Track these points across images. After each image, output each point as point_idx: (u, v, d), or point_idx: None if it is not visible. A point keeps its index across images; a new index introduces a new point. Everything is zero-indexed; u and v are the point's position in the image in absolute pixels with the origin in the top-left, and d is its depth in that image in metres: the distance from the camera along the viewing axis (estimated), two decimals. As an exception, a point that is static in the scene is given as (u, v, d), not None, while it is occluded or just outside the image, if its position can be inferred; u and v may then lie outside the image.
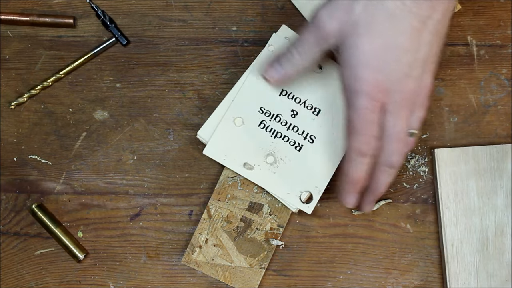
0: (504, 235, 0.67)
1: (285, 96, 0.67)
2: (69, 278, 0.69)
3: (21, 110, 0.72)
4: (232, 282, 0.67)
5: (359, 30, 0.57)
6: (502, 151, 0.68)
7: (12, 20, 0.73)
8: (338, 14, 0.58)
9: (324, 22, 0.58)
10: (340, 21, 0.58)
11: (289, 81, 0.66)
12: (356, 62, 0.57)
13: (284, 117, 0.67)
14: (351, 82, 0.58)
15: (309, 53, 0.61)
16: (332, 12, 0.58)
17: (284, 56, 0.63)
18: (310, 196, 0.66)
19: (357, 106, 0.58)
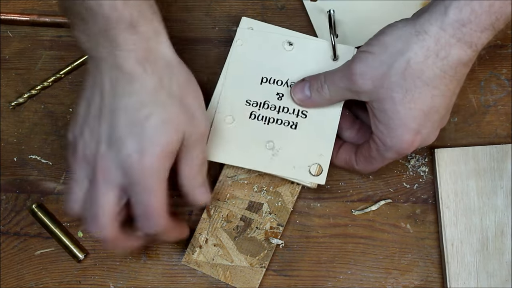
0: (504, 235, 0.67)
1: (267, 83, 0.68)
2: (69, 278, 0.69)
3: (21, 110, 0.72)
4: (233, 282, 0.67)
5: (396, 95, 0.58)
6: (502, 151, 0.68)
7: (12, 20, 0.73)
8: (374, 75, 0.58)
9: (357, 79, 0.59)
10: (375, 83, 0.58)
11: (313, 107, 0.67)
12: (394, 125, 0.59)
13: (272, 102, 0.67)
14: (387, 139, 0.60)
15: (339, 95, 0.63)
16: (367, 71, 0.59)
17: (315, 85, 0.64)
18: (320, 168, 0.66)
19: (386, 157, 0.61)
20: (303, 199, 0.70)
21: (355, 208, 0.70)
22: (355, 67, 0.59)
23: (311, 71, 0.67)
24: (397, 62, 0.57)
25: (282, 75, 0.68)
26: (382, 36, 0.58)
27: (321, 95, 0.64)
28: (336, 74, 0.62)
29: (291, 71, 0.68)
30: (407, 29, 0.57)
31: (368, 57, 0.58)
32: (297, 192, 0.69)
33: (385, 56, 0.57)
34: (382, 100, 0.58)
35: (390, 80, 0.57)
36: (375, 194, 0.70)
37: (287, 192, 0.69)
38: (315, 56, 0.68)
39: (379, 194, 0.70)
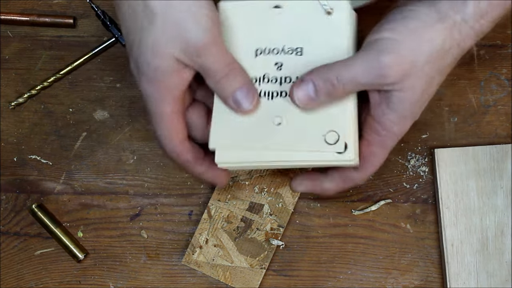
0: (504, 235, 0.67)
1: (262, 54, 0.60)
2: (69, 278, 0.69)
3: (21, 110, 0.72)
4: (233, 283, 0.67)
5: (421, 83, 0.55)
6: (502, 151, 0.68)
7: (12, 20, 0.73)
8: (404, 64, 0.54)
9: (389, 72, 0.53)
10: (404, 72, 0.54)
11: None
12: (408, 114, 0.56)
13: (272, 74, 0.60)
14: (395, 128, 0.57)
15: (354, 91, 0.57)
16: (399, 61, 0.54)
17: (324, 86, 0.56)
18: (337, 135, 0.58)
19: (387, 147, 0.58)
20: (303, 199, 0.70)
21: (355, 208, 0.70)
22: (385, 59, 0.53)
23: (306, 32, 0.60)
24: (428, 49, 0.54)
25: (276, 43, 0.60)
26: (407, 21, 0.54)
27: (332, 96, 0.56)
28: (356, 69, 0.54)
29: (285, 36, 0.61)
30: (431, 14, 0.54)
31: (399, 46, 0.53)
32: (298, 193, 0.69)
33: (415, 43, 0.54)
34: (406, 89, 0.55)
35: (419, 68, 0.54)
36: (375, 194, 0.70)
37: (288, 193, 0.69)
38: (307, 15, 0.61)
39: (379, 194, 0.70)
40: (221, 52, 0.56)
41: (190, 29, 0.54)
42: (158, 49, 0.54)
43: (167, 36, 0.54)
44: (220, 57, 0.56)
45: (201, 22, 0.54)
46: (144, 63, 0.55)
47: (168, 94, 0.56)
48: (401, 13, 0.55)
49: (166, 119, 0.57)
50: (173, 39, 0.54)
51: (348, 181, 0.60)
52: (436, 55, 0.54)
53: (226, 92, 0.57)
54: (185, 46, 0.54)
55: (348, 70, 0.55)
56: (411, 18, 0.54)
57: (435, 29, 0.54)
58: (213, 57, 0.55)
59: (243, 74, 0.58)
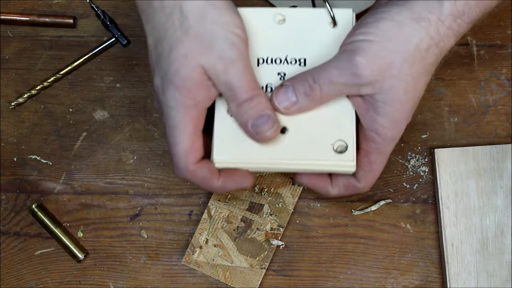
0: (504, 235, 0.67)
1: (264, 64, 0.60)
2: (69, 278, 0.69)
3: (21, 110, 0.72)
4: (233, 283, 0.67)
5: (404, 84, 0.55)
6: (502, 151, 0.68)
7: (12, 20, 0.73)
8: (380, 64, 0.54)
9: (363, 71, 0.54)
10: (382, 73, 0.54)
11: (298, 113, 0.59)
12: (398, 116, 0.56)
13: (275, 85, 0.59)
14: (389, 132, 0.57)
15: (333, 94, 0.57)
16: (373, 61, 0.54)
17: (301, 87, 0.56)
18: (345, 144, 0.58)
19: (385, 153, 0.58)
20: (303, 199, 0.70)
21: (355, 208, 0.70)
22: (358, 58, 0.53)
23: (310, 43, 0.60)
24: (405, 49, 0.54)
25: (279, 53, 0.60)
26: (380, 22, 0.54)
27: (310, 97, 0.56)
28: (330, 70, 0.55)
29: (288, 46, 0.60)
30: (405, 14, 0.54)
31: (371, 46, 0.54)
32: (298, 193, 0.69)
33: (390, 44, 0.54)
34: (388, 90, 0.55)
35: (398, 68, 0.54)
36: (375, 194, 0.70)
37: (288, 193, 0.69)
38: (311, 26, 0.60)
39: (379, 194, 0.70)
40: (248, 71, 0.55)
41: (221, 44, 0.54)
42: (190, 60, 0.54)
43: (199, 49, 0.54)
44: (246, 76, 0.55)
45: (232, 38, 0.54)
46: (175, 72, 0.54)
47: (194, 106, 0.55)
48: (373, 15, 0.55)
49: (187, 133, 0.55)
50: (205, 52, 0.54)
51: (350, 189, 0.60)
52: (414, 55, 0.54)
53: (247, 116, 0.56)
54: (215, 60, 0.54)
55: (323, 71, 0.55)
56: (383, 19, 0.54)
57: (410, 28, 0.54)
58: (240, 75, 0.55)
59: (266, 100, 0.56)
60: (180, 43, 0.54)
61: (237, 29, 0.54)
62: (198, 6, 0.54)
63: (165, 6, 0.55)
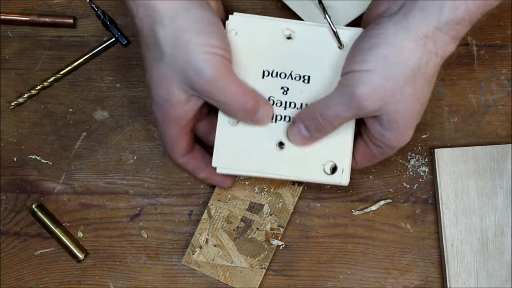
0: (504, 235, 0.67)
1: (269, 76, 0.61)
2: (69, 278, 0.69)
3: (21, 110, 0.72)
4: (233, 283, 0.67)
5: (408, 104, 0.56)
6: (502, 151, 0.68)
7: (12, 20, 0.73)
8: (383, 93, 0.55)
9: (366, 104, 0.55)
10: (385, 100, 0.55)
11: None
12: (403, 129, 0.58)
13: (277, 98, 0.61)
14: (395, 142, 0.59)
15: (343, 122, 0.59)
16: (375, 92, 0.55)
17: (312, 124, 0.59)
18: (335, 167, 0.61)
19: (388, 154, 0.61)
20: (303, 199, 0.70)
21: (355, 208, 0.70)
22: (360, 92, 0.55)
23: (316, 61, 0.61)
24: (404, 72, 0.54)
25: (284, 67, 0.61)
26: (377, 49, 0.55)
27: (322, 132, 0.59)
28: (336, 106, 0.57)
29: (294, 62, 0.61)
30: (401, 35, 0.54)
31: (371, 77, 0.54)
32: (298, 193, 0.69)
33: (389, 71, 0.54)
34: (393, 112, 0.56)
35: (400, 92, 0.55)
36: (375, 194, 0.70)
37: (288, 193, 0.69)
38: (319, 44, 0.61)
39: (379, 194, 0.70)
40: (232, 84, 0.57)
41: (195, 66, 0.55)
42: (166, 84, 0.57)
43: (175, 74, 0.56)
44: (232, 90, 0.57)
45: (207, 58, 0.55)
46: (154, 91, 0.58)
47: (173, 122, 0.59)
48: (369, 40, 0.55)
49: (171, 139, 0.61)
50: (181, 77, 0.56)
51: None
52: (414, 74, 0.55)
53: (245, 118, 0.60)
54: (193, 83, 0.56)
55: (329, 109, 0.57)
56: (379, 45, 0.55)
57: (408, 50, 0.54)
58: (223, 91, 0.57)
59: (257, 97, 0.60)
60: (157, 66, 0.57)
61: (212, 48, 0.55)
62: (171, 31, 0.55)
63: (143, 28, 0.57)
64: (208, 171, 0.64)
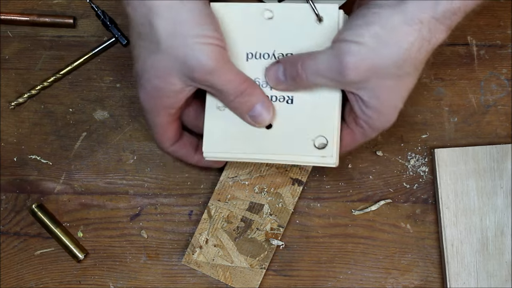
0: (504, 235, 0.67)
1: (253, 59, 0.61)
2: (69, 278, 0.69)
3: (21, 110, 0.72)
4: (233, 283, 0.67)
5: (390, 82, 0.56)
6: (502, 151, 0.68)
7: (12, 20, 0.73)
8: (368, 67, 0.55)
9: (350, 72, 0.55)
10: (367, 74, 0.55)
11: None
12: (385, 109, 0.58)
13: (262, 79, 0.61)
14: (377, 123, 0.59)
15: (319, 83, 0.58)
16: (361, 64, 0.55)
17: (290, 70, 0.59)
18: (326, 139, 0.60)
19: (370, 137, 0.61)
20: (303, 199, 0.70)
21: (355, 208, 0.70)
22: (347, 60, 0.54)
23: (297, 38, 0.61)
24: (394, 54, 0.54)
25: (267, 48, 0.61)
26: (372, 26, 0.54)
27: (296, 82, 0.59)
28: (319, 63, 0.57)
29: (276, 42, 0.61)
30: (397, 18, 0.54)
31: (361, 49, 0.54)
32: (298, 193, 0.69)
33: (380, 48, 0.54)
34: (373, 89, 0.56)
35: (385, 71, 0.55)
36: (375, 194, 0.70)
37: (288, 193, 0.69)
38: (298, 21, 0.61)
39: (379, 194, 0.70)
40: (230, 73, 0.58)
41: (195, 57, 0.55)
42: (162, 73, 0.57)
43: (171, 63, 0.56)
44: (230, 78, 0.58)
45: (205, 49, 0.56)
46: (146, 79, 0.58)
47: (164, 110, 0.60)
48: (363, 18, 0.55)
49: (161, 128, 0.62)
50: (178, 66, 0.56)
51: None
52: (404, 58, 0.55)
53: (241, 110, 0.60)
54: (190, 73, 0.56)
55: (313, 61, 0.57)
56: (373, 24, 0.54)
57: (401, 33, 0.54)
58: (222, 80, 0.57)
59: (257, 90, 0.60)
60: (151, 55, 0.57)
61: (209, 39, 0.56)
62: (168, 22, 0.55)
63: (136, 16, 0.57)
64: (198, 156, 0.66)
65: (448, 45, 0.72)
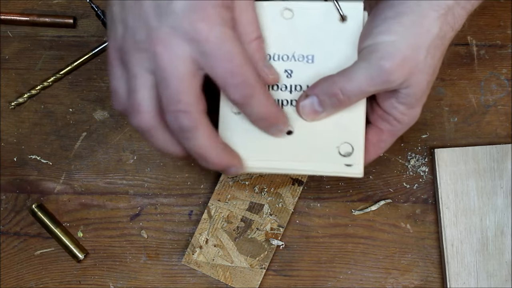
0: (504, 235, 0.67)
1: (271, 60, 0.58)
2: (69, 278, 0.69)
3: (21, 110, 0.72)
4: (233, 283, 0.67)
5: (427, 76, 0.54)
6: (502, 151, 0.68)
7: (12, 20, 0.73)
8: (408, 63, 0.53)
9: (394, 76, 0.53)
10: (410, 70, 0.53)
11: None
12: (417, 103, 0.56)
13: (282, 82, 0.58)
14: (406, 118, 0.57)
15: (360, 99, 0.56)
16: (402, 63, 0.53)
17: (328, 100, 0.55)
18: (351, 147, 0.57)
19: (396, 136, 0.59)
20: (303, 199, 0.70)
21: (355, 208, 0.70)
22: (387, 64, 0.52)
23: (318, 38, 0.57)
24: (426, 42, 0.53)
25: (286, 49, 0.58)
26: (402, 17, 0.53)
27: (338, 108, 0.56)
28: (360, 80, 0.54)
29: (296, 42, 0.58)
30: (425, 4, 0.53)
31: (399, 47, 0.52)
32: (298, 193, 0.69)
33: (414, 40, 0.53)
34: (413, 84, 0.54)
35: (423, 63, 0.53)
36: (375, 194, 0.70)
37: (288, 193, 0.69)
38: (319, 21, 0.58)
39: (379, 194, 0.70)
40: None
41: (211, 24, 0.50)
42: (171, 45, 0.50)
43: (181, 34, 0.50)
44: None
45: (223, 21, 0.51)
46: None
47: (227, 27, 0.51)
48: (391, 8, 0.54)
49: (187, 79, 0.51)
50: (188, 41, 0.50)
51: None
52: (435, 45, 0.54)
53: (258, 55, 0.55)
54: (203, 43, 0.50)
55: (352, 82, 0.54)
56: (404, 14, 0.53)
57: (431, 19, 0.53)
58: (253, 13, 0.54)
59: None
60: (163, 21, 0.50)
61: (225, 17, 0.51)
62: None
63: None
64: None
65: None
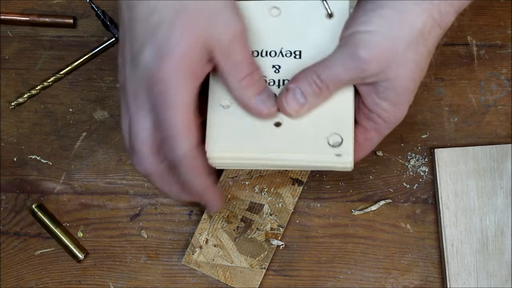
0: (504, 235, 0.67)
1: (259, 56, 0.59)
2: (69, 278, 0.69)
3: (21, 110, 0.72)
4: (233, 283, 0.67)
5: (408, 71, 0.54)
6: (502, 151, 0.68)
7: (12, 20, 0.73)
8: (385, 55, 0.53)
9: (369, 66, 0.53)
10: (387, 63, 0.53)
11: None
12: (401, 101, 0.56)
13: (270, 77, 0.58)
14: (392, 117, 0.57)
15: (341, 87, 0.56)
16: (379, 54, 0.53)
17: (309, 88, 0.55)
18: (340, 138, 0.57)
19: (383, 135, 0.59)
20: (303, 199, 0.70)
21: (355, 208, 0.70)
22: (362, 53, 0.53)
23: (306, 35, 0.59)
24: (408, 35, 0.53)
25: (274, 45, 0.59)
26: (382, 10, 0.53)
27: (319, 97, 0.56)
28: (336, 68, 0.54)
29: (283, 38, 0.59)
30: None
31: (376, 37, 0.53)
32: (298, 193, 0.69)
33: (393, 32, 0.52)
34: (391, 78, 0.54)
35: (403, 56, 0.53)
36: (375, 194, 0.70)
37: (288, 193, 0.69)
38: (306, 18, 0.59)
39: (379, 194, 0.70)
40: (248, 46, 0.55)
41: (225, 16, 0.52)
42: (192, 32, 0.51)
43: (202, 21, 0.52)
44: (248, 50, 0.54)
45: (235, 11, 0.53)
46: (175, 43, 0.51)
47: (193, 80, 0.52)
48: (373, 2, 0.54)
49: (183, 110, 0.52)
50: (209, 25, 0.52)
51: None
52: (417, 40, 0.53)
53: (251, 90, 0.55)
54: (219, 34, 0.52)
55: (329, 70, 0.54)
56: (383, 6, 0.53)
57: (412, 14, 0.53)
58: (244, 48, 0.54)
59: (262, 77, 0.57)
60: (180, 15, 0.51)
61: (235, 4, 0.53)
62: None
63: None
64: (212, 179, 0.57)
65: (448, 45, 0.72)
